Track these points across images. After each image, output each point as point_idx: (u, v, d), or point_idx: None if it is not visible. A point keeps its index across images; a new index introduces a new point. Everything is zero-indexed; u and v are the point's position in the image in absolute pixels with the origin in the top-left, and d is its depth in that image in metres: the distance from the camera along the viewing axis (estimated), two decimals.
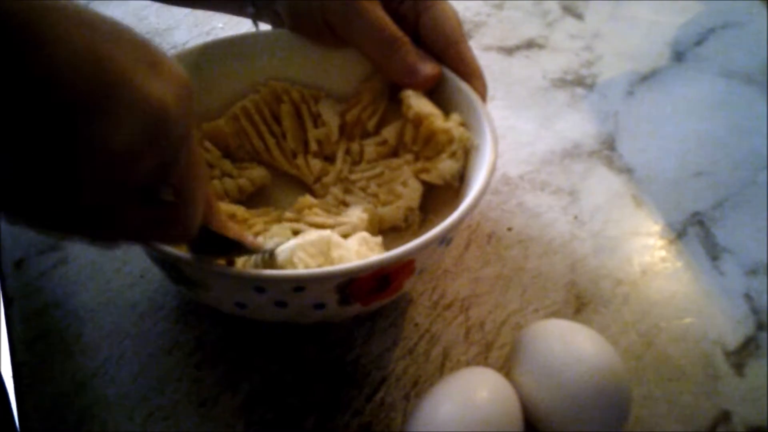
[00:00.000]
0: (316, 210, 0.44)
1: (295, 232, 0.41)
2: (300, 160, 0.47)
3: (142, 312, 0.43)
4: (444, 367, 0.41)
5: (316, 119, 0.48)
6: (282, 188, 0.48)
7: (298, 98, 0.48)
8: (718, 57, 0.66)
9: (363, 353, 0.42)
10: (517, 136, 0.57)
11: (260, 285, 0.34)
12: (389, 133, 0.46)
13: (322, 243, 0.37)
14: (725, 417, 0.40)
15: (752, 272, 0.47)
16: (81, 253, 0.46)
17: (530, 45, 0.67)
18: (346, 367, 0.41)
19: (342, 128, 0.48)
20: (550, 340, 0.37)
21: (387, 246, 0.40)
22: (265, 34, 0.47)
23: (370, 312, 0.42)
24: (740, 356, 0.43)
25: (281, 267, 0.36)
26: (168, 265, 0.36)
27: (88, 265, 0.46)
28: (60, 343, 0.42)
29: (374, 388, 0.40)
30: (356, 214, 0.43)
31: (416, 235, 0.44)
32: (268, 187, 0.47)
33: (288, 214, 0.44)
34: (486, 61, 0.64)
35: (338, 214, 0.44)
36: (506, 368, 0.40)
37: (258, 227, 0.42)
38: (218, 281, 0.35)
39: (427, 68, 0.44)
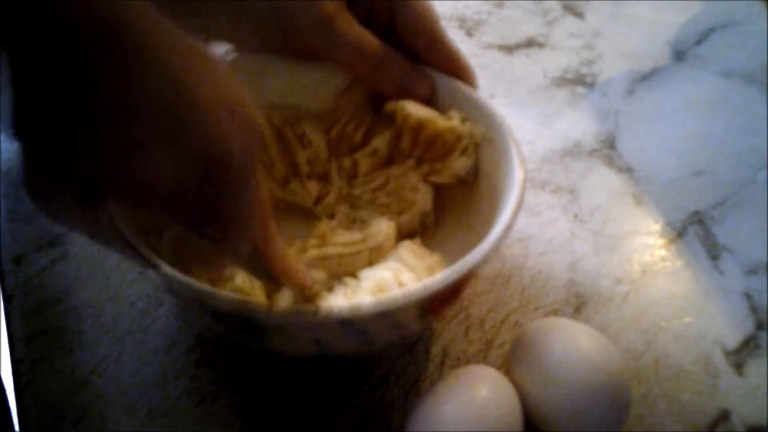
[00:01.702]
0: (337, 231, 0.42)
1: (324, 258, 0.40)
2: (294, 185, 0.46)
3: (141, 309, 0.43)
4: (444, 365, 0.41)
5: (302, 140, 0.46)
6: (281, 219, 0.44)
7: (280, 121, 0.46)
8: (719, 56, 0.66)
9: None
10: (517, 134, 0.57)
11: (348, 321, 0.33)
12: (380, 142, 0.45)
13: (396, 273, 0.36)
14: (725, 416, 0.40)
15: (752, 271, 0.47)
16: (81, 250, 0.46)
17: (531, 43, 0.67)
18: (346, 364, 0.41)
19: (328, 145, 0.46)
20: (550, 339, 0.37)
21: (414, 251, 0.40)
22: (233, 61, 0.45)
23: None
24: (740, 355, 0.43)
25: None
26: (235, 317, 0.35)
27: (87, 262, 0.45)
28: (59, 339, 0.42)
29: (374, 386, 0.40)
30: (382, 225, 0.42)
31: (434, 238, 0.44)
32: None
33: (312, 243, 0.42)
34: (486, 59, 0.64)
35: (359, 230, 0.42)
36: (506, 366, 0.40)
37: None
38: (298, 324, 0.34)
39: (421, 87, 0.43)
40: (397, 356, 0.42)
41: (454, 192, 0.44)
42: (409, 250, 0.39)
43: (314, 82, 0.46)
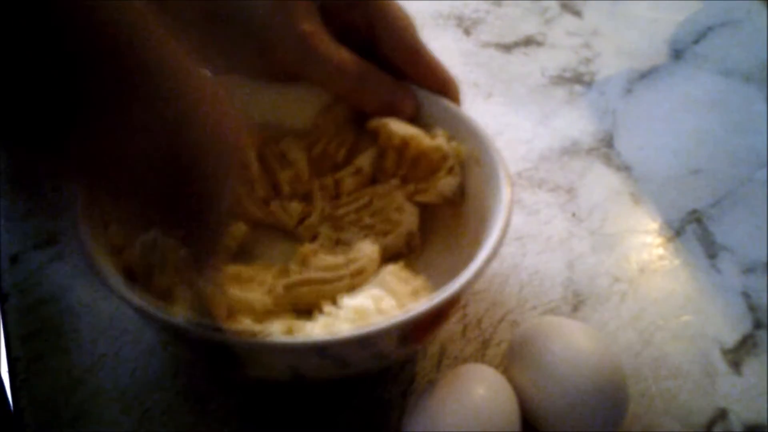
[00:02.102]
0: (319, 255, 0.41)
1: (306, 282, 0.40)
2: (275, 206, 0.44)
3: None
4: (441, 364, 0.41)
5: (282, 160, 0.45)
6: (262, 241, 0.44)
7: (259, 141, 0.44)
8: (717, 55, 0.66)
9: None
10: (515, 133, 0.57)
11: (325, 349, 0.33)
12: (364, 161, 0.44)
13: (376, 299, 0.36)
14: (722, 415, 0.40)
15: (750, 270, 0.47)
16: (77, 248, 0.46)
17: (529, 42, 0.67)
18: None
19: (310, 164, 0.45)
20: (548, 338, 0.37)
21: (398, 275, 0.39)
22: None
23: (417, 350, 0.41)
24: (738, 354, 0.43)
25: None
26: (214, 347, 0.34)
27: (84, 260, 0.45)
28: (56, 338, 0.41)
29: (371, 386, 0.40)
30: (365, 248, 0.41)
31: (420, 259, 0.43)
32: (248, 243, 0.44)
33: (293, 266, 0.41)
34: (484, 57, 0.64)
35: (343, 252, 0.42)
36: (503, 365, 0.40)
37: (268, 282, 0.40)
38: (275, 353, 0.33)
39: (405, 104, 0.42)
40: None
41: (441, 212, 0.43)
42: (392, 274, 0.38)
43: (294, 100, 0.45)
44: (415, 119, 0.43)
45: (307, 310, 0.38)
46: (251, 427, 0.38)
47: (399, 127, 0.42)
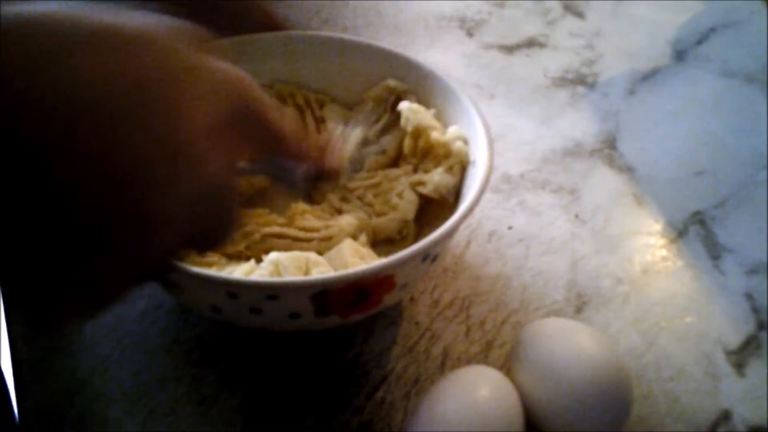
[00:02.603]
0: (307, 216, 0.43)
1: (280, 236, 0.41)
2: None
3: (142, 309, 0.43)
4: (445, 365, 0.41)
5: (319, 124, 0.47)
6: (282, 193, 0.46)
7: (303, 102, 0.47)
8: (719, 56, 0.66)
9: (363, 351, 0.42)
10: (517, 134, 0.57)
11: (232, 290, 0.34)
12: (388, 143, 0.46)
13: (301, 261, 0.37)
14: (726, 416, 0.40)
15: (753, 271, 0.47)
16: None
17: (531, 43, 0.67)
18: (347, 365, 0.41)
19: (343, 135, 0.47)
20: (551, 339, 0.37)
21: (357, 250, 0.40)
22: (271, 36, 0.47)
23: (351, 324, 0.41)
24: (741, 355, 0.43)
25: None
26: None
27: None
28: (60, 340, 0.42)
29: (375, 387, 0.40)
30: (346, 220, 0.42)
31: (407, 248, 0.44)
32: (268, 192, 0.46)
33: (279, 219, 0.42)
34: (487, 59, 0.64)
35: (329, 219, 0.43)
36: (507, 367, 0.40)
37: (250, 227, 0.41)
38: (191, 283, 0.35)
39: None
40: (399, 356, 0.42)
41: (439, 209, 0.44)
42: (350, 247, 0.39)
43: (345, 72, 0.47)
44: (437, 105, 0.44)
45: None
46: (255, 428, 0.38)
47: (416, 116, 0.43)
